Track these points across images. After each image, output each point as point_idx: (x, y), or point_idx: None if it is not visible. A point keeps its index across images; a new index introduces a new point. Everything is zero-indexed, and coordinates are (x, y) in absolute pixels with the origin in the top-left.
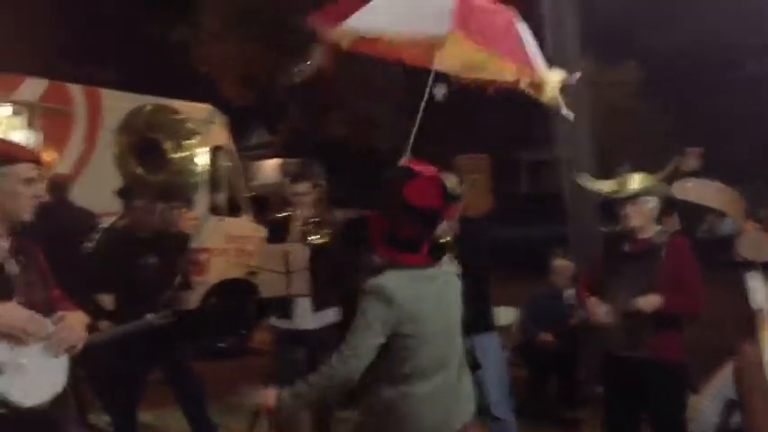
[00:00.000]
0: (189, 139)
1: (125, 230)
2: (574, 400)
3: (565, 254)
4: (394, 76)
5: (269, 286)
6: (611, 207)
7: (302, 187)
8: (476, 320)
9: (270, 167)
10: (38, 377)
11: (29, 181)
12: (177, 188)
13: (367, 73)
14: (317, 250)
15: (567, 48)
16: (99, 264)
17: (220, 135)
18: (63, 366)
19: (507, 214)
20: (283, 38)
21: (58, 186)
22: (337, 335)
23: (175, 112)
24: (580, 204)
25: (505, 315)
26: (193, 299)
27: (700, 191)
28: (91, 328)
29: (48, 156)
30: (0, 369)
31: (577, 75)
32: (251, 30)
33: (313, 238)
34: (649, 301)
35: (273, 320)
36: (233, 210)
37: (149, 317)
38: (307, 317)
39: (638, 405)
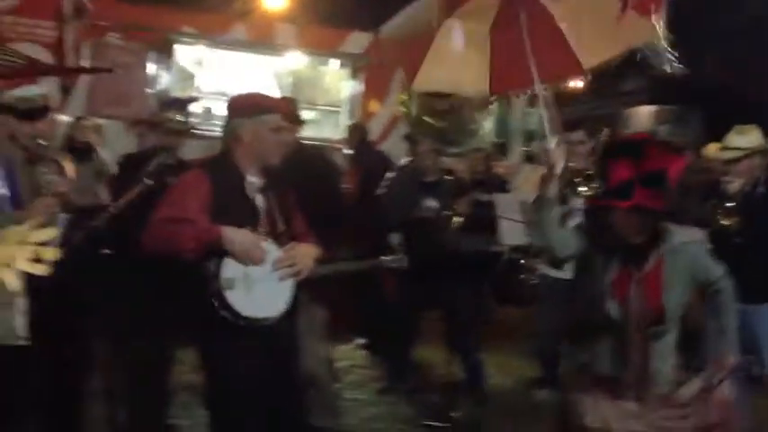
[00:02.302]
0: None
1: (411, 173)
2: None
3: None
4: None
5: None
6: None
7: (576, 136)
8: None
9: (643, 115)
10: (262, 296)
11: (278, 130)
12: (457, 134)
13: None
14: None
15: None
16: (388, 203)
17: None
18: (287, 290)
19: None
20: None
21: (358, 131)
22: None
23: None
24: None
25: None
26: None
27: None
28: (321, 261)
29: (371, 106)
30: (231, 284)
31: None
32: None
33: (581, 190)
34: None
35: (544, 269)
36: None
37: (382, 259)
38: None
39: None
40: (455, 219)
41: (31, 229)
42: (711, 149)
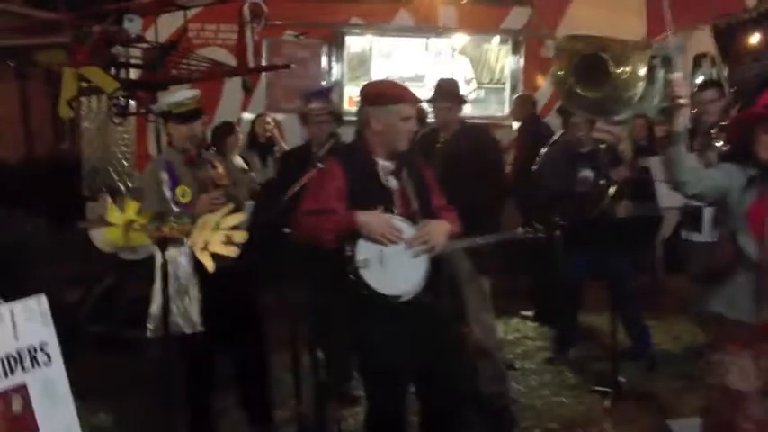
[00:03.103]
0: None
1: (565, 145)
2: None
3: None
4: None
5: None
6: None
7: (708, 95)
8: None
9: None
10: (397, 273)
11: (407, 119)
12: (612, 104)
13: None
14: None
15: None
16: (542, 177)
17: (706, 42)
18: (422, 266)
19: None
20: None
21: (526, 102)
22: None
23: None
24: None
25: None
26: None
27: None
28: (455, 236)
29: (535, 81)
30: (366, 264)
31: None
32: None
33: (717, 144)
34: None
35: (685, 233)
36: None
37: (519, 230)
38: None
39: None
40: (611, 188)
41: (222, 216)
42: None
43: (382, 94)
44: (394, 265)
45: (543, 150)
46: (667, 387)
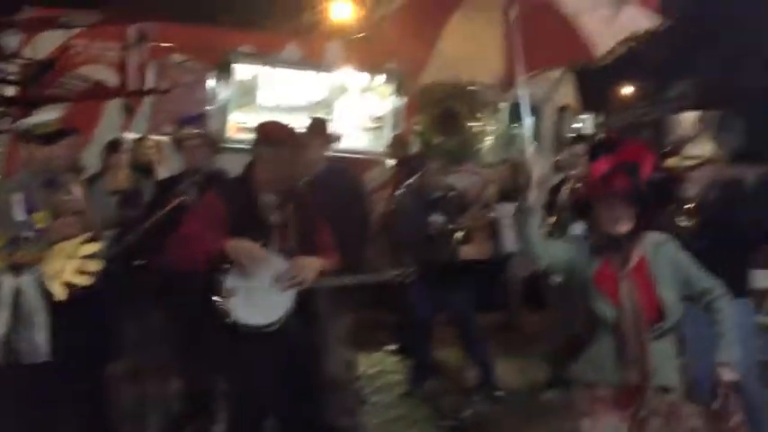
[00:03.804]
0: (483, 108)
1: (419, 189)
2: None
3: None
4: None
5: None
6: None
7: (577, 150)
8: None
9: (688, 120)
10: (262, 304)
11: (294, 158)
12: (462, 153)
13: None
14: None
15: None
16: (396, 219)
17: (569, 95)
18: (287, 299)
19: None
20: None
21: (402, 142)
22: None
23: (472, 83)
24: None
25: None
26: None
27: None
28: (325, 274)
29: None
30: (232, 293)
31: None
32: None
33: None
34: None
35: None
36: None
37: (388, 272)
38: None
39: None
40: (458, 232)
41: (78, 244)
42: (672, 161)
43: (266, 133)
44: (261, 296)
45: (398, 192)
46: (511, 422)
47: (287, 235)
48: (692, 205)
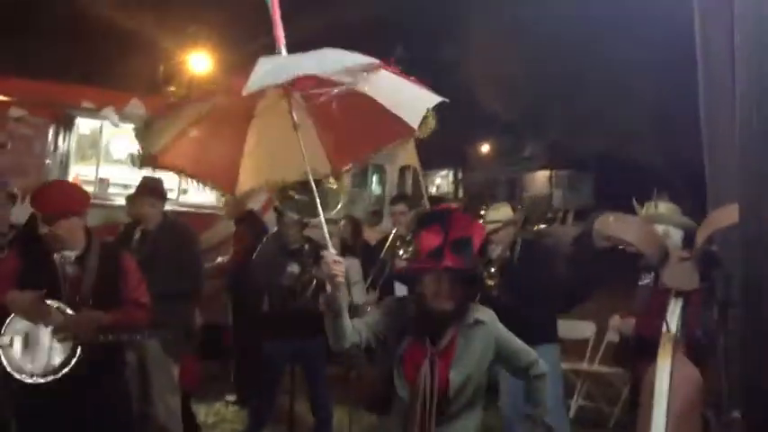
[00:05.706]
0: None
1: (277, 241)
2: None
3: None
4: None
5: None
6: None
7: (399, 207)
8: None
9: (540, 179)
10: (40, 355)
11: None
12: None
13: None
14: None
15: None
16: (257, 269)
17: (410, 156)
18: (66, 350)
19: None
20: None
21: (236, 203)
22: None
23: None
24: None
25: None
26: None
27: (619, 226)
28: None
29: None
30: (9, 344)
31: None
32: None
33: (402, 254)
34: None
35: None
36: None
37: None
38: None
39: None
40: (313, 282)
41: None
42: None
43: (54, 203)
44: (39, 347)
45: (260, 245)
46: None
47: (79, 288)
48: (495, 267)
